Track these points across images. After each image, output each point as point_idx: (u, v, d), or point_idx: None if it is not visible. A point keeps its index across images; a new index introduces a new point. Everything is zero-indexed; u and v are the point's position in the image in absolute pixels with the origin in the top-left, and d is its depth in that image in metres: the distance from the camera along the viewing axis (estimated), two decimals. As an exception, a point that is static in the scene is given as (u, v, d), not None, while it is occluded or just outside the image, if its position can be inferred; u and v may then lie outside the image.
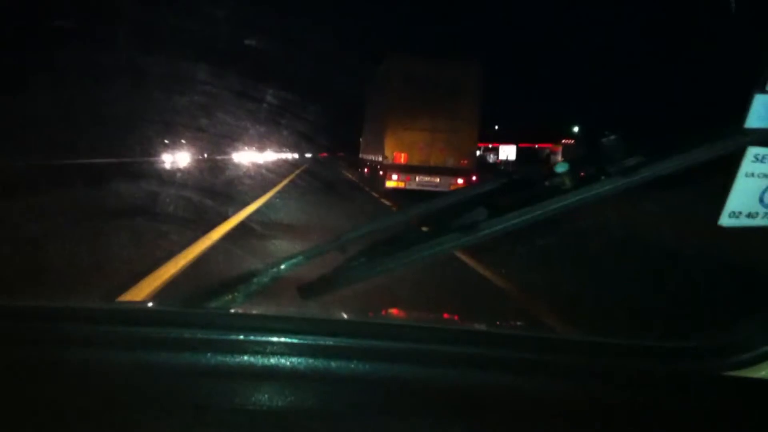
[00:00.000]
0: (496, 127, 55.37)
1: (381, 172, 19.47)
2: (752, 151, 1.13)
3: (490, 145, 57.49)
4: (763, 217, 1.17)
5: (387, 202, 15.73)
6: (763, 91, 1.09)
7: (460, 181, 17.98)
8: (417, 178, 18.57)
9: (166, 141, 24.14)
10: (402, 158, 18.76)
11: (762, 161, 1.14)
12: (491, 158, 56.68)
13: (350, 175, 33.08)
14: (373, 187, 20.96)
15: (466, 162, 18.67)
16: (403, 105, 18.70)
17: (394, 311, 1.91)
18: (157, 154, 23.85)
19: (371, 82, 26.26)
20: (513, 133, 55.06)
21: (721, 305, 3.98)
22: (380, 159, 19.73)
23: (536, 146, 52.85)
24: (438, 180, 18.26)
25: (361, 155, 30.45)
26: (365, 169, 26.63)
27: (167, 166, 22.27)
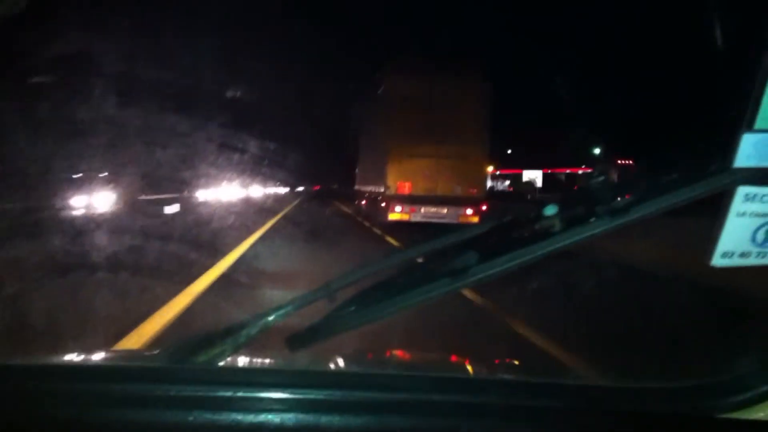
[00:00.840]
0: (509, 152, 51.79)
1: (383, 204, 17.85)
2: (742, 191, 1.12)
3: (498, 172, 53.32)
4: (756, 257, 1.15)
5: (392, 240, 13.95)
6: (751, 130, 1.07)
7: (469, 211, 16.55)
8: (422, 210, 17.04)
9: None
10: (406, 188, 17.23)
11: (752, 200, 1.12)
12: (501, 185, 53.18)
13: (346, 209, 31.17)
14: (372, 221, 19.37)
15: (475, 190, 17.19)
16: (405, 129, 17.05)
17: (386, 354, 1.88)
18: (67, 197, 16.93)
19: (366, 107, 24.06)
20: (527, 157, 50.54)
21: (717, 342, 3.96)
22: (381, 189, 18.08)
23: (561, 171, 48.43)
24: (445, 211, 16.75)
25: (357, 186, 28.31)
26: (363, 201, 24.80)
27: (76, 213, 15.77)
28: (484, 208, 16.79)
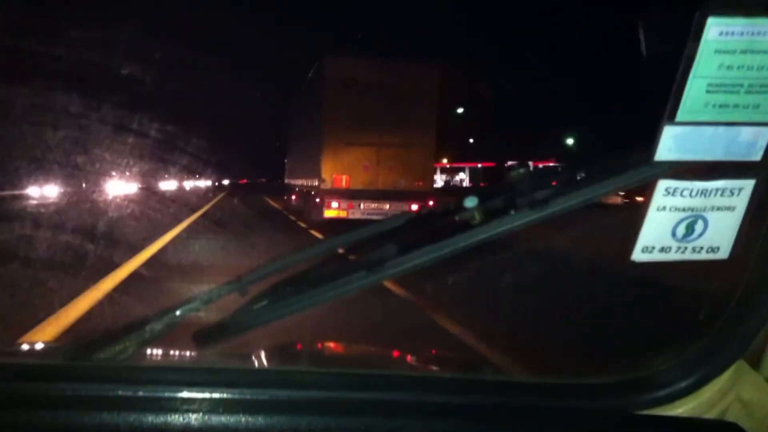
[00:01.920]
0: (471, 141, 47.13)
1: (317, 199, 16.20)
2: (663, 184, 1.09)
3: (449, 165, 49.60)
4: (676, 251, 1.13)
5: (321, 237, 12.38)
6: (672, 123, 1.04)
7: (414, 207, 14.41)
8: (362, 205, 15.48)
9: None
10: (343, 181, 15.67)
11: (673, 194, 1.10)
12: (458, 178, 49.33)
13: (275, 204, 29.20)
14: (303, 217, 17.87)
15: (421, 183, 15.85)
16: (342, 116, 15.52)
17: (298, 349, 1.83)
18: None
19: (300, 94, 21.98)
20: (490, 148, 44.27)
21: (639, 335, 4.00)
22: (315, 183, 16.49)
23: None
24: (387, 206, 15.21)
25: (287, 180, 26.66)
26: (292, 196, 23.14)
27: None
28: (431, 203, 14.87)
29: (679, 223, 1.12)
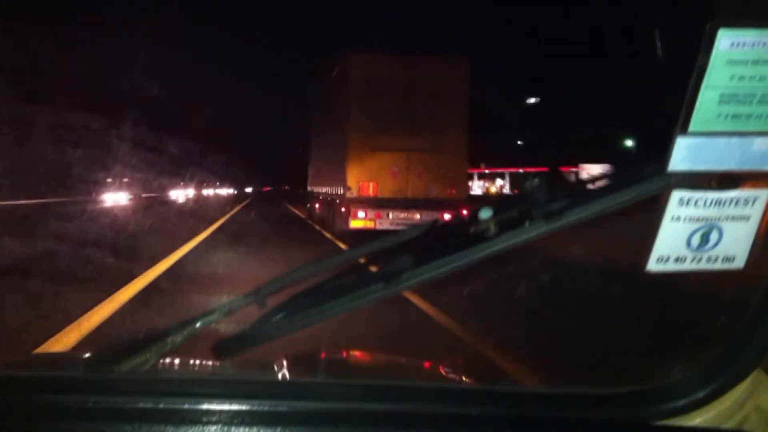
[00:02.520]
0: (519, 143, 42.65)
1: (342, 209, 14.96)
2: (677, 195, 1.10)
3: (487, 170, 46.26)
4: (691, 261, 1.13)
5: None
6: (685, 134, 1.05)
7: (447, 216, 13.10)
8: (390, 215, 14.25)
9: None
10: (370, 189, 14.44)
11: (687, 205, 1.10)
12: (497, 185, 45.42)
13: (298, 212, 28.62)
14: (327, 227, 17.08)
15: (455, 191, 14.58)
16: (368, 118, 14.34)
17: (319, 360, 1.84)
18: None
19: (321, 96, 20.60)
20: (535, 151, 38.13)
21: (656, 344, 3.96)
22: (340, 191, 15.24)
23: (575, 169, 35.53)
24: (418, 216, 13.95)
25: (309, 187, 25.02)
26: (316, 204, 21.54)
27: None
28: (465, 213, 13.20)
29: (693, 233, 1.12)
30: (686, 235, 1.12)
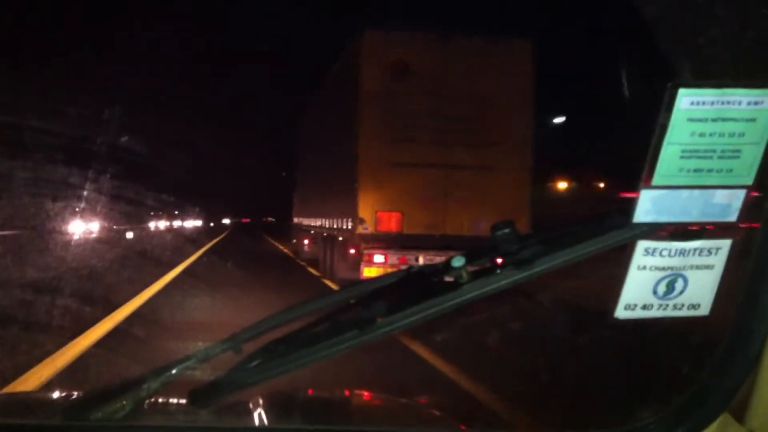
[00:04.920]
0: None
1: (350, 250, 10.62)
2: (642, 245, 1.13)
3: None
4: (657, 309, 1.17)
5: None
6: (648, 187, 1.09)
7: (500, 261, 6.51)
8: (421, 260, 9.59)
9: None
10: (393, 222, 10.04)
11: (652, 254, 1.14)
12: None
13: (284, 248, 24.63)
14: (325, 272, 13.49)
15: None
16: (389, 123, 10.12)
17: (296, 405, 1.84)
18: None
19: (316, 100, 16.46)
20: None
21: (625, 388, 3.99)
22: (346, 225, 11.11)
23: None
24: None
25: (295, 218, 20.49)
26: (304, 240, 17.49)
27: None
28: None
29: (659, 281, 1.15)
30: (652, 284, 1.15)
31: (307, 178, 18.43)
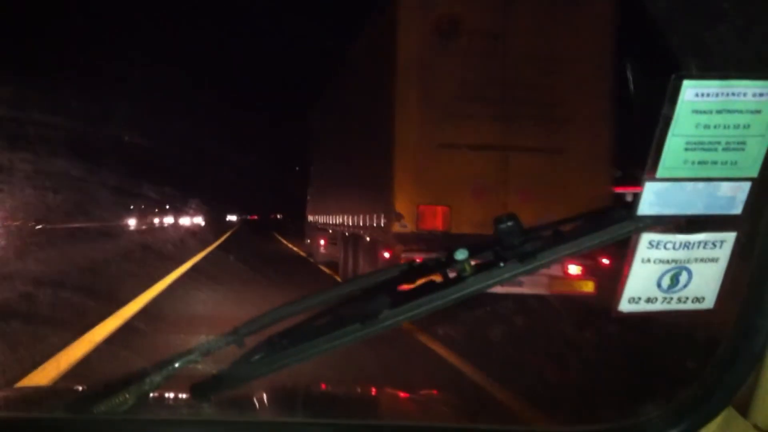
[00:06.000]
0: None
1: (385, 253, 8.74)
2: (646, 238, 1.13)
3: None
4: (662, 302, 1.16)
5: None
6: (653, 179, 1.08)
7: (574, 270, 7.74)
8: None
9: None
10: (437, 218, 7.97)
11: (656, 247, 1.13)
12: None
13: (297, 249, 22.96)
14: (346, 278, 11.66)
15: None
16: (433, 94, 8.04)
17: (298, 399, 1.84)
18: None
19: (337, 77, 14.29)
20: None
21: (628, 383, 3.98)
22: (377, 222, 9.12)
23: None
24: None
25: (309, 216, 18.78)
26: (320, 241, 15.93)
27: None
28: (605, 262, 7.58)
29: (663, 274, 1.15)
30: (656, 277, 1.15)
31: (325, 171, 16.27)
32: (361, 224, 10.59)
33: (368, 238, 10.18)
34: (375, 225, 9.36)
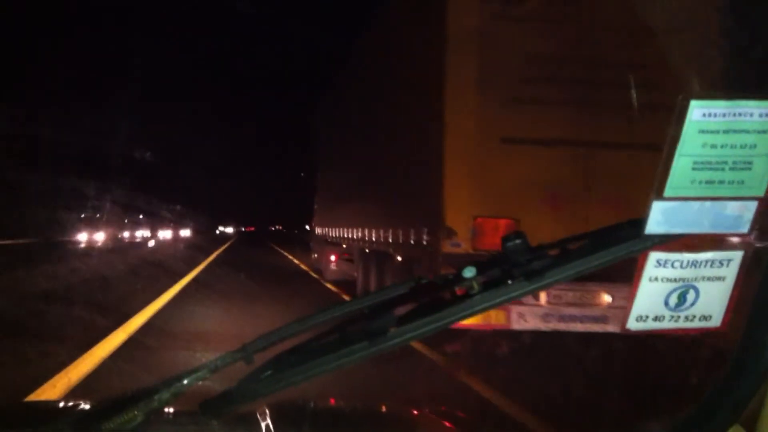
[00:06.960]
0: None
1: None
2: (654, 256, 1.13)
3: None
4: (669, 320, 1.17)
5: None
6: (660, 198, 1.09)
7: None
8: (550, 297, 5.92)
9: None
10: (500, 234, 3.04)
11: (664, 266, 1.14)
12: None
13: (301, 264, 20.93)
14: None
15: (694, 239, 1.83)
16: (495, 73, 6.15)
17: (307, 415, 1.84)
18: None
19: (356, 59, 12.25)
20: None
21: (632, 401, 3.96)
22: (418, 238, 7.27)
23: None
24: (608, 299, 5.93)
25: (317, 228, 16.87)
26: (330, 257, 14.19)
27: None
28: None
29: (671, 293, 1.15)
30: (664, 295, 1.15)
31: (337, 177, 14.05)
32: (390, 240, 8.64)
33: (399, 258, 8.44)
34: (412, 242, 7.51)
